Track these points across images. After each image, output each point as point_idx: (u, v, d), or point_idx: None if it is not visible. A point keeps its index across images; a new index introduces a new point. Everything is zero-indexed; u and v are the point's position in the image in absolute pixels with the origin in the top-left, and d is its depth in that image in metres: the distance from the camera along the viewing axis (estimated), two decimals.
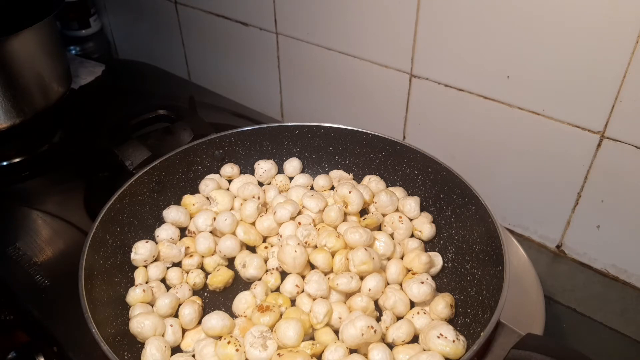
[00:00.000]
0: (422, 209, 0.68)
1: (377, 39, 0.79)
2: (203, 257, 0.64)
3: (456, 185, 0.63)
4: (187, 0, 1.01)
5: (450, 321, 0.56)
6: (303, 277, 0.60)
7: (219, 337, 0.54)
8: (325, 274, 0.59)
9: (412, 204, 0.66)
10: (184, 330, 0.57)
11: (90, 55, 1.20)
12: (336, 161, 0.75)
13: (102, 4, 1.21)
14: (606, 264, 0.74)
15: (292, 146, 0.75)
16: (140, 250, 0.62)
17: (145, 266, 0.62)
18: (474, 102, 0.73)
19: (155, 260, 0.63)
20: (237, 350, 0.51)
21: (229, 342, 0.52)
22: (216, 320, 0.54)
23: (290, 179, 0.74)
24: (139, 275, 0.61)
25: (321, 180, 0.72)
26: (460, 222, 0.63)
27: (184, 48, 1.10)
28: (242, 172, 0.75)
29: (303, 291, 0.59)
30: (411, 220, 0.66)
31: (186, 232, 0.68)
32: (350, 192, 0.65)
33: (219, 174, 0.74)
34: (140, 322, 0.54)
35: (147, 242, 0.62)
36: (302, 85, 0.94)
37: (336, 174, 0.74)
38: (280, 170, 0.75)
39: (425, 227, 0.65)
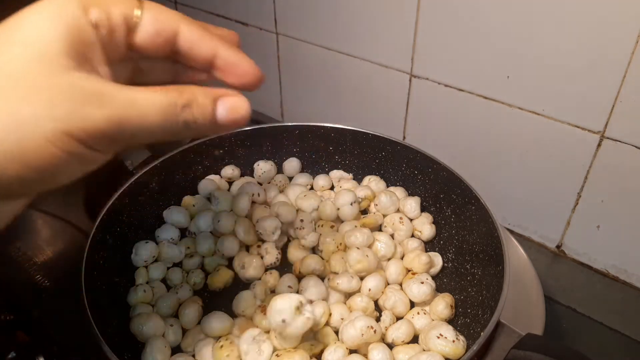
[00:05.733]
0: (422, 209, 0.68)
1: (377, 39, 0.78)
2: (203, 257, 0.64)
3: (456, 185, 0.63)
4: (187, 0, 1.01)
5: (450, 321, 0.56)
6: (299, 279, 0.60)
7: (219, 337, 0.54)
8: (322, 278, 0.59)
9: (412, 204, 0.66)
10: (184, 330, 0.57)
11: None
12: (336, 161, 0.75)
13: None
14: (606, 264, 0.74)
15: (292, 146, 0.75)
16: (141, 251, 0.62)
17: (146, 266, 0.62)
18: (474, 102, 0.73)
19: (156, 260, 0.63)
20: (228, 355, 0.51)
21: (221, 347, 0.51)
22: (216, 320, 0.54)
23: (290, 179, 0.74)
24: (139, 276, 0.61)
25: (321, 180, 0.72)
26: (460, 222, 0.63)
27: None
28: (242, 173, 0.75)
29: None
30: (411, 220, 0.66)
31: (186, 232, 0.68)
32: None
33: (220, 175, 0.74)
34: (141, 322, 0.54)
35: (147, 242, 0.62)
36: (302, 85, 0.94)
37: (336, 174, 0.74)
38: (280, 171, 0.75)
39: (426, 227, 0.65)
